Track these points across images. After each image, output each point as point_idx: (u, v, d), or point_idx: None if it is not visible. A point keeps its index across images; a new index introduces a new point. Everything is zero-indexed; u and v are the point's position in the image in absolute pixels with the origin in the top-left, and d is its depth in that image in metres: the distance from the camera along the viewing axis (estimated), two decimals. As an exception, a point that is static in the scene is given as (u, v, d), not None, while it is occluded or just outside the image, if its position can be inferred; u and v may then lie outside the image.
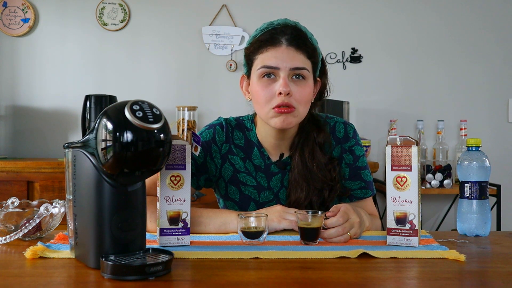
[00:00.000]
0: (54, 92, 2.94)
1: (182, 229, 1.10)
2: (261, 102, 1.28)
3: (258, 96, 1.28)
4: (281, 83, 1.24)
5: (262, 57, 1.27)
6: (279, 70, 1.25)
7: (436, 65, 3.02)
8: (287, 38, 1.26)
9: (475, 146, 1.26)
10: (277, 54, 1.25)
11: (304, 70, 1.26)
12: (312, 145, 1.35)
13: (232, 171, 1.40)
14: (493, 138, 2.99)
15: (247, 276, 0.89)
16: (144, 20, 2.97)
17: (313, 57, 1.30)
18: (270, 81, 1.26)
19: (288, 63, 1.24)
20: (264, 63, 1.26)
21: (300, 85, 1.26)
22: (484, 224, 1.23)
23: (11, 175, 2.42)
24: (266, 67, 1.26)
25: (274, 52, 1.26)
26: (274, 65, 1.25)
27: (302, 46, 1.26)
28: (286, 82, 1.24)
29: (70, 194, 0.99)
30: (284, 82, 1.24)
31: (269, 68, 1.25)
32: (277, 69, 1.25)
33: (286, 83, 1.24)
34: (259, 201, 1.39)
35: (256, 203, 1.39)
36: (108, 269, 0.86)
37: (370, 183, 1.42)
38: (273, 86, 1.26)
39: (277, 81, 1.25)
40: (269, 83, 1.26)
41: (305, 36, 1.29)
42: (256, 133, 1.42)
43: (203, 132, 1.42)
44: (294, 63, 1.25)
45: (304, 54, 1.27)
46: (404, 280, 0.89)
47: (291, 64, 1.25)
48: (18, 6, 2.90)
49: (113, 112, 0.90)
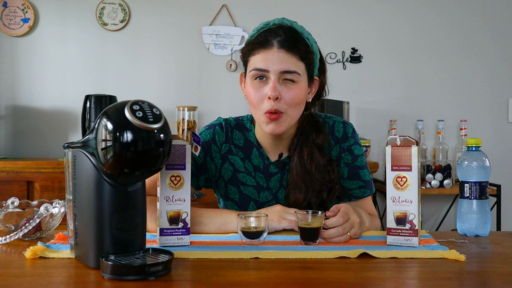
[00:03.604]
0: (54, 92, 2.94)
1: (182, 229, 1.10)
2: (254, 105, 1.30)
3: (250, 98, 1.30)
4: (270, 87, 1.25)
5: (254, 59, 1.29)
6: (269, 72, 1.26)
7: (436, 65, 3.02)
8: (279, 40, 1.26)
9: (475, 146, 1.26)
10: (268, 57, 1.26)
11: (294, 73, 1.26)
12: (311, 147, 1.35)
13: (232, 171, 1.40)
14: (493, 138, 2.99)
15: (247, 276, 0.89)
16: (144, 20, 2.97)
17: (307, 58, 1.29)
18: (262, 84, 1.28)
19: (277, 65, 1.25)
20: (255, 65, 1.28)
21: (291, 87, 1.27)
22: (484, 224, 1.23)
23: (11, 175, 2.42)
24: (256, 70, 1.27)
25: (265, 55, 1.26)
26: (263, 68, 1.26)
27: (294, 48, 1.26)
28: (275, 86, 1.25)
29: (70, 194, 0.99)
30: (272, 86, 1.25)
31: (259, 70, 1.27)
32: (266, 71, 1.26)
33: (274, 87, 1.25)
34: (259, 201, 1.39)
35: (256, 203, 1.39)
36: (108, 269, 0.86)
37: (369, 182, 1.42)
38: (264, 88, 1.27)
39: (268, 84, 1.27)
40: (260, 86, 1.28)
41: (299, 37, 1.29)
42: (255, 133, 1.42)
43: (203, 132, 1.42)
44: (284, 66, 1.25)
45: (297, 56, 1.27)
46: (404, 280, 0.89)
47: (280, 67, 1.25)
48: (18, 6, 2.90)
49: (113, 112, 0.90)
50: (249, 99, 1.31)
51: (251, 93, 1.29)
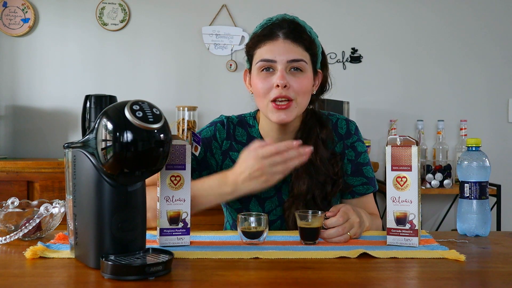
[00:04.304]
0: (54, 92, 2.94)
1: (182, 229, 1.10)
2: (260, 95, 1.30)
3: (257, 89, 1.31)
4: (278, 76, 1.26)
5: (260, 51, 1.31)
6: (276, 63, 1.27)
7: (436, 65, 3.02)
8: (284, 31, 1.29)
9: (475, 146, 1.26)
10: (274, 48, 1.28)
11: (301, 62, 1.28)
12: (315, 140, 1.36)
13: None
14: (493, 138, 2.99)
15: (247, 276, 0.89)
16: (144, 20, 2.97)
17: (311, 49, 1.32)
18: (269, 75, 1.29)
19: (284, 55, 1.27)
20: (262, 56, 1.29)
21: (299, 76, 1.29)
22: (484, 224, 1.23)
23: (11, 175, 2.42)
24: (264, 61, 1.29)
25: (271, 46, 1.28)
26: (271, 58, 1.28)
27: (299, 38, 1.29)
28: (283, 75, 1.26)
29: (70, 194, 0.99)
30: (281, 75, 1.26)
31: (267, 61, 1.28)
32: (274, 62, 1.28)
33: (283, 76, 1.26)
34: (261, 196, 1.39)
35: (257, 199, 1.39)
36: (108, 269, 0.86)
37: (372, 179, 1.43)
38: (271, 79, 1.28)
39: (275, 74, 1.28)
40: (267, 76, 1.29)
41: (302, 29, 1.31)
42: (259, 129, 1.43)
43: (205, 129, 1.43)
44: (291, 55, 1.27)
45: (302, 47, 1.29)
46: (404, 280, 0.89)
47: (287, 56, 1.27)
48: (18, 6, 2.90)
49: (113, 112, 0.90)
50: (256, 90, 1.31)
51: (258, 84, 1.30)
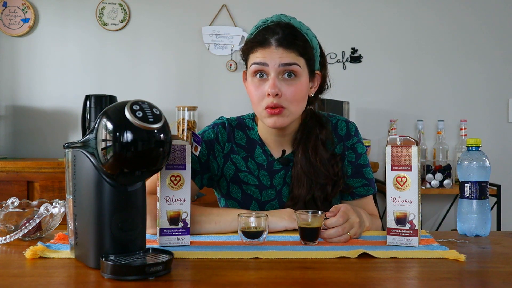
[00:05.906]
0: (54, 92, 2.94)
1: (182, 229, 1.10)
2: (254, 102, 1.31)
3: (251, 96, 1.31)
4: (269, 84, 1.26)
5: (253, 56, 1.30)
6: (268, 67, 1.26)
7: (436, 65, 3.02)
8: (277, 38, 1.26)
9: (475, 146, 1.26)
10: (266, 54, 1.27)
11: (294, 65, 1.26)
12: (314, 141, 1.36)
13: (234, 170, 1.40)
14: (493, 138, 2.99)
15: (247, 276, 0.89)
16: (144, 20, 2.97)
17: (306, 54, 1.30)
18: (262, 81, 1.28)
19: (276, 60, 1.26)
20: (254, 60, 1.29)
21: (292, 84, 1.27)
22: (484, 224, 1.23)
23: (11, 175, 2.42)
24: (256, 64, 1.28)
25: (263, 52, 1.27)
26: (262, 61, 1.27)
27: (292, 45, 1.27)
28: (275, 83, 1.25)
29: (70, 194, 0.99)
30: (272, 83, 1.25)
31: (259, 64, 1.27)
32: (266, 65, 1.26)
33: (274, 84, 1.25)
34: (261, 200, 1.39)
35: (258, 202, 1.39)
36: (108, 269, 0.86)
37: (372, 180, 1.43)
38: (264, 86, 1.28)
39: (268, 81, 1.27)
40: (260, 83, 1.28)
41: (297, 33, 1.29)
42: (258, 131, 1.42)
43: (206, 131, 1.42)
44: (283, 59, 1.26)
45: (295, 52, 1.27)
46: (404, 280, 0.89)
47: (279, 61, 1.26)
48: (18, 6, 2.90)
49: (113, 112, 0.90)
50: (250, 97, 1.32)
51: (252, 91, 1.30)
